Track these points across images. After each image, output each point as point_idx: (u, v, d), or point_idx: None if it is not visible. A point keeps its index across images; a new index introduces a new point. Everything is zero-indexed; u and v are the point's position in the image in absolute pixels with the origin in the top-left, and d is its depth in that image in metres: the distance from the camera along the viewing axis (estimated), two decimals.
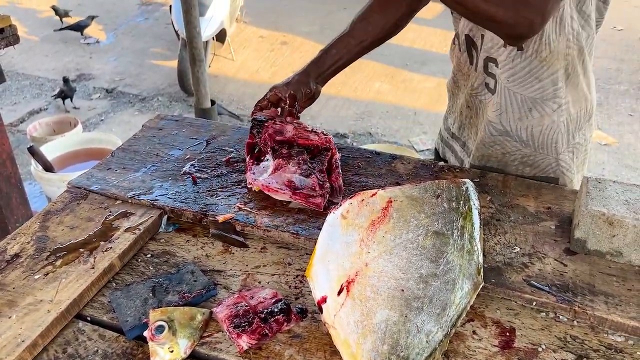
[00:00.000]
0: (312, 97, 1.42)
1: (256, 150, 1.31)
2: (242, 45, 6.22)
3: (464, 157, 1.50)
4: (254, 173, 1.25)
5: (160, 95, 5.23)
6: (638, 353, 0.88)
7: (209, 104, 3.98)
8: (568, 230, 1.11)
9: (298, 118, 1.40)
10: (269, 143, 1.28)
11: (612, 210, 1.00)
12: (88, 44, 6.21)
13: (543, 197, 1.22)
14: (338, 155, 1.28)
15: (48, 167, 2.99)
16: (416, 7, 1.46)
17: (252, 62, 5.88)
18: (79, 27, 5.91)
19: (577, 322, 0.93)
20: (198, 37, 3.63)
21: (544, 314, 0.95)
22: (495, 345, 0.89)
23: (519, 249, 1.07)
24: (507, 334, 0.91)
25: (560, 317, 0.94)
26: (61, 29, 5.96)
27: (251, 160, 1.28)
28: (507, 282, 0.98)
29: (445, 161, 1.57)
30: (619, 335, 0.91)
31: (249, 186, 1.23)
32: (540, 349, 0.88)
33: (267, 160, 1.27)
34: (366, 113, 4.81)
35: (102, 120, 4.77)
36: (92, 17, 5.98)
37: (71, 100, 4.75)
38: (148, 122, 1.55)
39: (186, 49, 4.79)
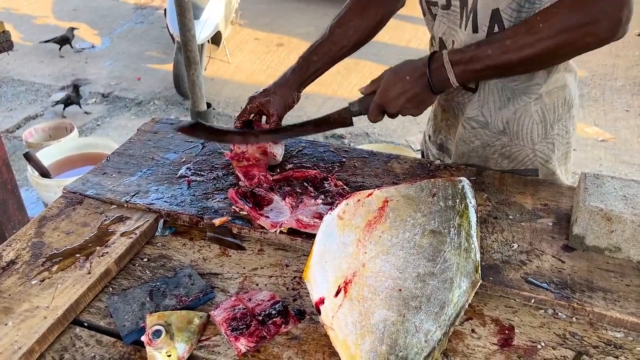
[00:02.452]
0: (291, 106, 1.41)
1: (247, 194, 1.20)
2: (238, 48, 6.22)
3: (443, 158, 1.49)
4: (268, 217, 1.14)
5: (156, 99, 5.22)
6: (638, 349, 0.87)
7: (204, 107, 3.98)
8: (565, 227, 1.11)
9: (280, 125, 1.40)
10: (265, 185, 1.21)
11: (610, 205, 0.99)
12: (83, 49, 6.21)
13: (540, 194, 1.22)
14: (340, 183, 1.24)
15: (44, 173, 2.98)
16: (393, 9, 1.46)
17: (248, 65, 5.88)
18: (62, 41, 5.83)
19: (576, 318, 0.93)
20: (193, 40, 3.63)
21: (543, 311, 0.95)
22: (494, 344, 0.89)
23: (516, 246, 1.06)
24: (506, 331, 0.91)
25: (559, 314, 0.94)
26: (46, 42, 5.82)
27: (253, 208, 1.16)
28: (505, 279, 0.98)
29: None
30: (618, 331, 0.91)
31: (272, 230, 1.10)
32: (539, 346, 0.88)
33: (274, 202, 1.18)
34: None
35: (98, 125, 4.76)
36: (73, 29, 5.92)
37: (80, 106, 4.72)
38: (143, 125, 1.54)
39: (182, 52, 4.80)
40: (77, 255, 1.06)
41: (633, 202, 1.00)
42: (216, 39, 5.61)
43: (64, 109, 4.73)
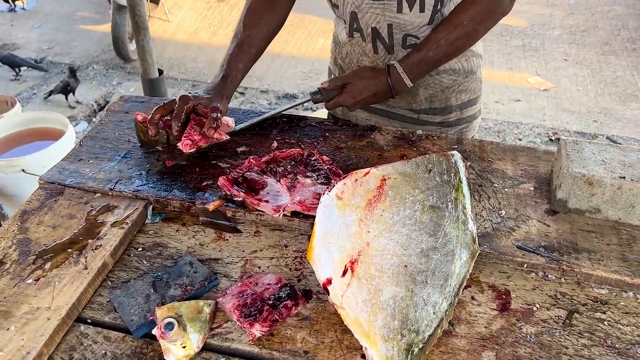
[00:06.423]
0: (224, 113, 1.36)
1: (239, 179, 1.16)
2: (177, 5, 5.95)
3: (375, 118, 1.55)
4: (267, 201, 1.12)
5: (95, 63, 4.97)
6: (622, 303, 0.95)
7: (156, 74, 3.76)
8: (546, 190, 1.17)
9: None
10: (256, 168, 1.18)
11: (592, 171, 1.06)
12: (12, 9, 5.76)
13: (519, 159, 1.27)
14: (326, 158, 1.23)
15: None
16: None
17: (189, 23, 5.66)
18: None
19: (564, 279, 1.00)
20: (141, 3, 3.41)
21: (534, 274, 1.01)
22: (494, 309, 0.94)
23: (504, 212, 1.11)
24: (504, 296, 0.97)
25: (549, 275, 1.00)
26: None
27: (248, 193, 1.13)
28: (499, 247, 1.03)
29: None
30: (603, 288, 0.98)
31: (275, 215, 1.09)
32: (535, 308, 0.94)
33: (268, 185, 1.16)
34: (313, 71, 4.76)
35: (34, 94, 4.50)
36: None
37: (73, 94, 4.19)
38: (112, 105, 1.48)
39: (119, 13, 4.54)
40: (69, 250, 1.03)
41: (611, 166, 1.07)
42: None
43: (66, 98, 4.17)
